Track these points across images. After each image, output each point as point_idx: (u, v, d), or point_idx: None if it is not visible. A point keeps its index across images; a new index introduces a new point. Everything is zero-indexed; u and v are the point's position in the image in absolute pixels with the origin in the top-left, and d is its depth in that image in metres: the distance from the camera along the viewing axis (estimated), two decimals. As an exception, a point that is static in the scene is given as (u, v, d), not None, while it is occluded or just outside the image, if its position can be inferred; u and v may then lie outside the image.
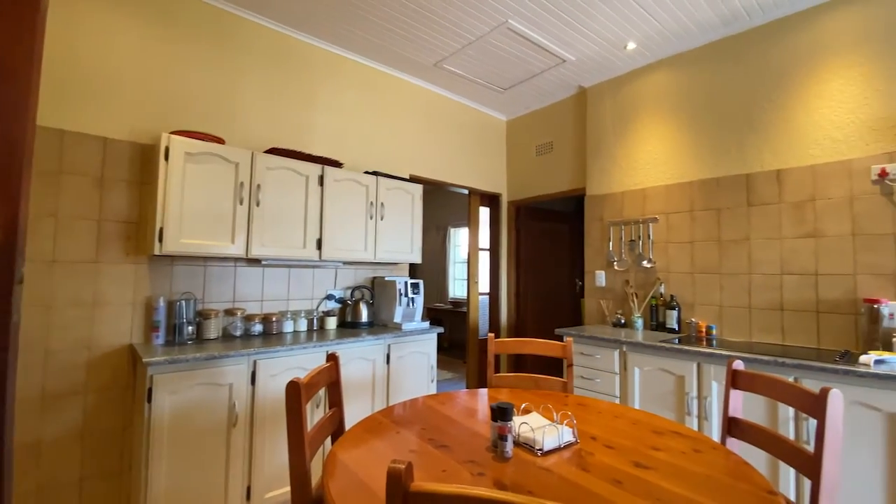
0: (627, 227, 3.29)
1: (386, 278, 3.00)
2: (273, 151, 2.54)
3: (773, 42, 2.64)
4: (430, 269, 7.56)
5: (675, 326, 2.90)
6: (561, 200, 4.46)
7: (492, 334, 2.05)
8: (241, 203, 2.36)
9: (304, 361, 2.31)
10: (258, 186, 2.42)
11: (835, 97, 2.41)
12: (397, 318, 2.91)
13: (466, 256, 4.36)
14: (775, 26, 2.63)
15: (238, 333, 2.49)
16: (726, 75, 2.83)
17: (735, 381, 1.46)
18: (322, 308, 2.93)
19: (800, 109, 2.53)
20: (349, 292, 3.05)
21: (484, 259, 4.98)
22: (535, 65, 3.32)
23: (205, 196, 2.25)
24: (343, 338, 2.49)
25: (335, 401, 1.62)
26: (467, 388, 4.37)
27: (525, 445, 1.24)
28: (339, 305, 2.99)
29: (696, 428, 2.30)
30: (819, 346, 2.39)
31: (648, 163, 3.20)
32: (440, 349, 6.91)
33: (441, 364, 5.87)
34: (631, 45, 3.02)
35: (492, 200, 4.48)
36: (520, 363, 4.36)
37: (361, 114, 3.27)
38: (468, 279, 4.28)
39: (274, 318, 2.58)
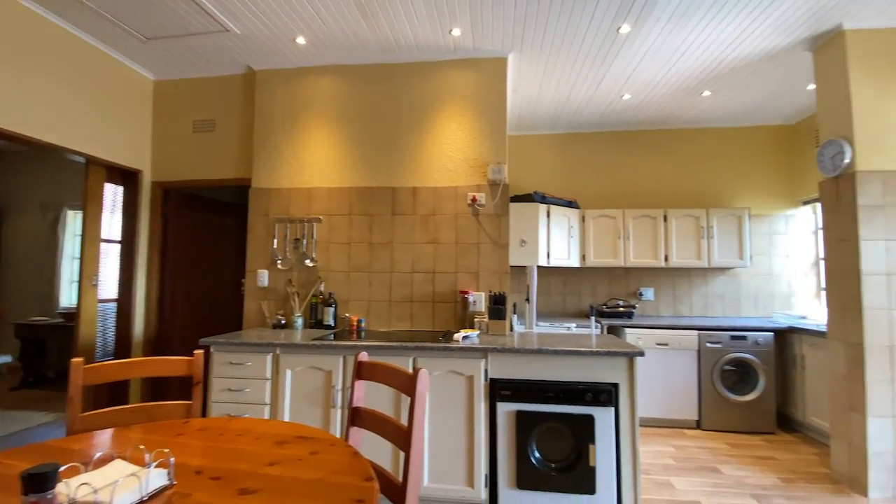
0: (293, 224, 3.21)
1: None
2: None
3: (417, 80, 3.17)
4: (28, 268, 5.23)
5: (332, 322, 3.02)
6: (228, 189, 3.91)
7: (78, 359, 1.47)
8: None
9: None
10: None
11: (451, 136, 3.11)
12: None
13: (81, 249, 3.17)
14: (418, 67, 3.17)
15: None
16: (383, 98, 3.20)
17: (360, 372, 1.56)
18: None
19: (430, 140, 3.13)
20: None
21: (113, 254, 3.79)
22: (189, 21, 2.75)
23: None
24: None
25: None
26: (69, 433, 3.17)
27: (81, 517, 0.87)
28: None
29: (339, 419, 2.42)
30: (434, 328, 3.01)
31: (315, 163, 3.23)
32: (43, 381, 4.86)
33: (39, 403, 4.10)
34: (300, 40, 2.95)
35: (127, 178, 3.46)
36: (160, 389, 3.53)
37: None
38: (80, 280, 3.13)
39: None
